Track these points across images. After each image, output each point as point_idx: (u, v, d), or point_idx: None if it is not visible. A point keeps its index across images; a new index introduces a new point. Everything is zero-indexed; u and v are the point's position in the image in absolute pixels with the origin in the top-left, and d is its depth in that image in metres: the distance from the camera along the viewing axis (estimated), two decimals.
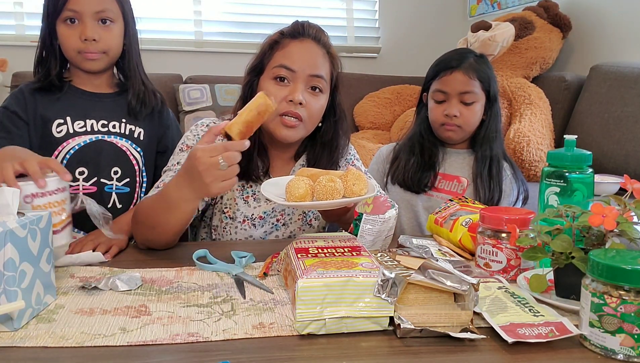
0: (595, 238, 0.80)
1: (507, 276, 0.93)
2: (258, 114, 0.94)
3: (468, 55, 1.52)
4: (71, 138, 1.26)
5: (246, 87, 1.24)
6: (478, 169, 1.50)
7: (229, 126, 0.93)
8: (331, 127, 1.27)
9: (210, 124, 1.25)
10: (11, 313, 0.71)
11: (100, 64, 1.27)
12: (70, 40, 1.23)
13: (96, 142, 1.27)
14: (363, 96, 3.17)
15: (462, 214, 1.13)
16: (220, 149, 0.91)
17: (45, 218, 0.80)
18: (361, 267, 0.75)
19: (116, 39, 1.27)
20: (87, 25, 1.21)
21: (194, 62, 3.16)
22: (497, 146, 1.54)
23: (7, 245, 0.70)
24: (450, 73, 1.49)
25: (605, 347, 0.66)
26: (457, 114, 1.48)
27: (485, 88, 1.50)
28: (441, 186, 1.53)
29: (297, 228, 1.28)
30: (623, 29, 2.56)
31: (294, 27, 1.22)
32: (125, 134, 1.31)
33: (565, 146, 1.00)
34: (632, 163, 2.13)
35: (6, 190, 0.76)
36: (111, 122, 1.30)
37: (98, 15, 1.23)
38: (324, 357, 0.67)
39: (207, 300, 0.83)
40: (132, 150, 1.31)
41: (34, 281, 0.76)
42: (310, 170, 0.98)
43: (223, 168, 0.91)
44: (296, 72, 1.17)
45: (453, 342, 0.70)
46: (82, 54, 1.23)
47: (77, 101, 1.28)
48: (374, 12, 3.58)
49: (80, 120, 1.27)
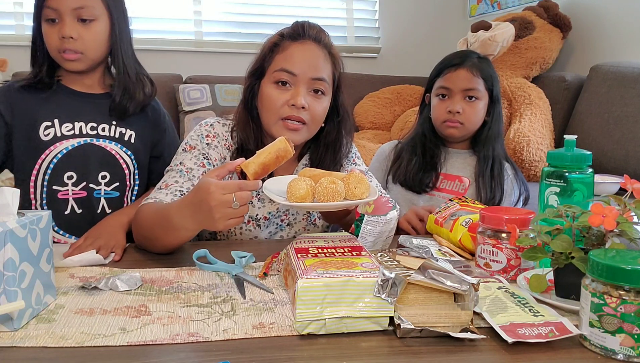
0: (595, 238, 0.80)
1: (507, 276, 0.93)
2: (276, 158, 0.95)
3: (472, 55, 1.54)
4: (59, 142, 1.23)
5: (247, 91, 1.23)
6: (480, 169, 1.51)
7: (245, 164, 0.93)
8: (334, 127, 1.26)
9: (215, 124, 1.25)
10: (11, 313, 0.71)
11: (80, 64, 1.22)
12: (51, 39, 1.19)
13: (84, 146, 1.24)
14: (363, 96, 3.17)
15: (462, 214, 1.13)
16: (234, 188, 0.88)
17: (45, 218, 0.80)
18: (361, 267, 0.75)
19: (97, 37, 1.22)
20: (65, 23, 1.17)
21: (194, 62, 3.17)
22: (498, 147, 1.55)
23: (7, 245, 0.70)
24: (454, 70, 1.51)
25: (605, 347, 0.66)
26: (460, 110, 1.49)
27: (488, 88, 1.52)
28: (443, 186, 1.54)
29: (301, 228, 1.28)
30: (623, 29, 2.56)
31: (294, 28, 1.21)
32: (114, 137, 1.27)
33: (565, 146, 1.00)
34: (632, 163, 2.13)
35: (6, 190, 0.76)
36: (101, 125, 1.26)
37: (77, 13, 1.18)
38: (324, 357, 0.67)
39: (207, 300, 0.83)
40: (122, 154, 1.28)
41: (34, 282, 0.76)
42: (312, 171, 0.98)
43: (235, 207, 0.89)
44: (297, 76, 1.16)
45: (453, 342, 0.70)
46: (62, 54, 1.20)
47: (66, 102, 1.25)
48: (374, 12, 3.58)
49: (69, 122, 1.24)
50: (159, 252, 1.07)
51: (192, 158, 1.18)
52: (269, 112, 1.18)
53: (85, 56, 1.21)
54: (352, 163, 1.34)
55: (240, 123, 1.23)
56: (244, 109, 1.23)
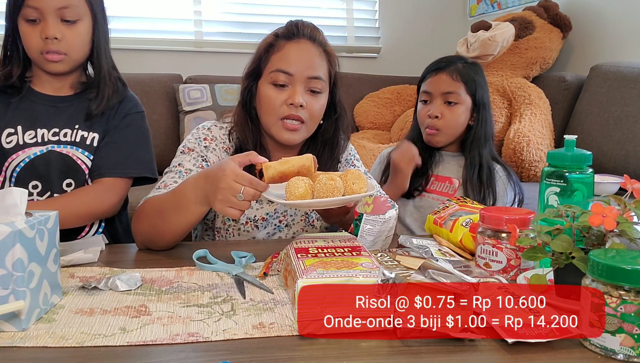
0: (595, 238, 0.80)
1: (507, 276, 0.93)
2: (297, 172, 0.95)
3: (457, 60, 1.55)
4: (21, 150, 1.19)
5: (245, 92, 1.23)
6: (467, 175, 1.52)
7: (267, 166, 0.95)
8: (332, 124, 1.27)
9: (212, 128, 1.25)
10: (19, 312, 0.71)
11: (63, 66, 1.19)
12: (32, 40, 1.15)
13: (46, 153, 1.20)
14: (363, 96, 3.17)
15: (462, 214, 1.13)
16: (246, 181, 0.92)
17: (52, 218, 0.80)
18: (361, 267, 0.75)
19: (81, 38, 1.19)
20: (48, 23, 1.14)
21: (194, 62, 3.16)
22: (486, 151, 1.55)
23: (16, 245, 0.70)
24: (435, 74, 1.53)
25: (605, 347, 0.66)
26: (439, 114, 1.50)
27: (470, 92, 1.52)
28: (433, 187, 1.56)
29: (300, 229, 1.28)
30: (623, 29, 2.56)
31: (288, 28, 1.22)
32: (75, 141, 1.22)
33: (565, 146, 1.00)
34: (632, 163, 2.13)
35: (14, 190, 0.76)
36: (63, 130, 1.22)
37: (61, 12, 1.14)
38: (324, 357, 0.67)
39: (207, 300, 0.83)
40: (84, 158, 1.23)
41: (42, 282, 0.76)
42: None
43: (239, 199, 0.92)
44: (294, 75, 1.16)
45: (453, 342, 0.70)
46: (44, 55, 1.16)
47: (31, 107, 1.21)
48: (374, 12, 3.57)
49: (31, 130, 1.20)
50: (164, 244, 1.07)
51: (190, 160, 1.18)
52: (268, 113, 1.19)
53: (68, 57, 1.19)
54: (351, 164, 1.34)
55: (239, 125, 1.23)
56: (242, 110, 1.24)
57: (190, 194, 1.00)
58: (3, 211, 0.74)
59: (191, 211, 1.01)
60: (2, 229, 0.70)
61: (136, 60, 2.94)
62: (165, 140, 2.74)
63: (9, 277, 0.70)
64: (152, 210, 1.08)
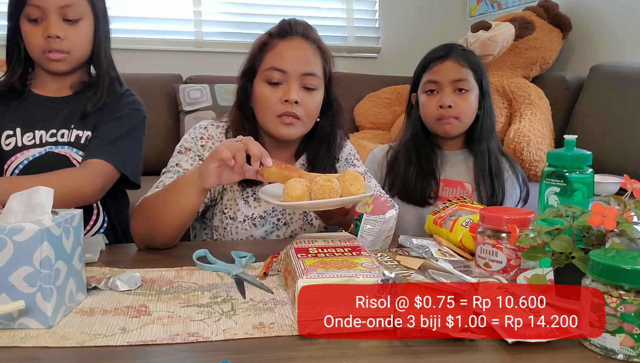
0: (595, 238, 0.80)
1: (507, 276, 0.93)
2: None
3: (456, 46, 1.48)
4: (19, 152, 1.19)
5: (240, 92, 1.24)
6: (479, 169, 1.45)
7: (268, 173, 0.97)
8: (329, 121, 1.27)
9: (209, 126, 1.26)
10: (45, 310, 0.71)
11: (66, 65, 1.19)
12: (34, 39, 1.16)
13: (45, 155, 1.20)
14: (363, 96, 3.17)
15: (462, 214, 1.13)
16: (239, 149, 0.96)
17: (77, 216, 0.81)
18: (361, 267, 0.75)
19: (83, 37, 1.19)
20: (51, 22, 1.14)
21: (194, 62, 3.16)
22: (493, 143, 1.48)
23: (43, 244, 0.71)
24: (441, 62, 1.44)
25: (605, 347, 0.66)
26: (452, 103, 1.41)
27: (477, 78, 1.44)
28: (445, 195, 1.46)
29: (298, 227, 1.28)
30: (623, 29, 2.56)
31: (281, 26, 1.23)
32: (70, 142, 1.22)
33: (565, 146, 1.00)
34: (632, 163, 2.13)
35: (41, 189, 0.77)
36: (60, 131, 1.21)
37: (63, 11, 1.15)
38: (324, 357, 0.67)
39: (207, 300, 0.83)
40: (78, 158, 1.22)
41: (68, 279, 0.77)
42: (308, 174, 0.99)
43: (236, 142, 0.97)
44: (288, 73, 1.17)
45: (453, 342, 0.70)
46: (46, 54, 1.16)
47: (29, 109, 1.21)
48: (374, 12, 3.58)
49: (30, 132, 1.20)
50: (159, 240, 1.08)
51: (188, 159, 1.19)
52: (264, 111, 1.19)
53: (71, 56, 1.19)
54: (351, 164, 1.34)
55: (235, 124, 1.25)
56: (238, 110, 1.25)
57: (184, 181, 1.03)
58: (30, 210, 0.75)
59: (184, 197, 1.03)
60: (30, 227, 0.71)
61: (136, 60, 2.94)
62: (165, 140, 2.73)
63: (36, 275, 0.71)
64: (147, 206, 1.09)
